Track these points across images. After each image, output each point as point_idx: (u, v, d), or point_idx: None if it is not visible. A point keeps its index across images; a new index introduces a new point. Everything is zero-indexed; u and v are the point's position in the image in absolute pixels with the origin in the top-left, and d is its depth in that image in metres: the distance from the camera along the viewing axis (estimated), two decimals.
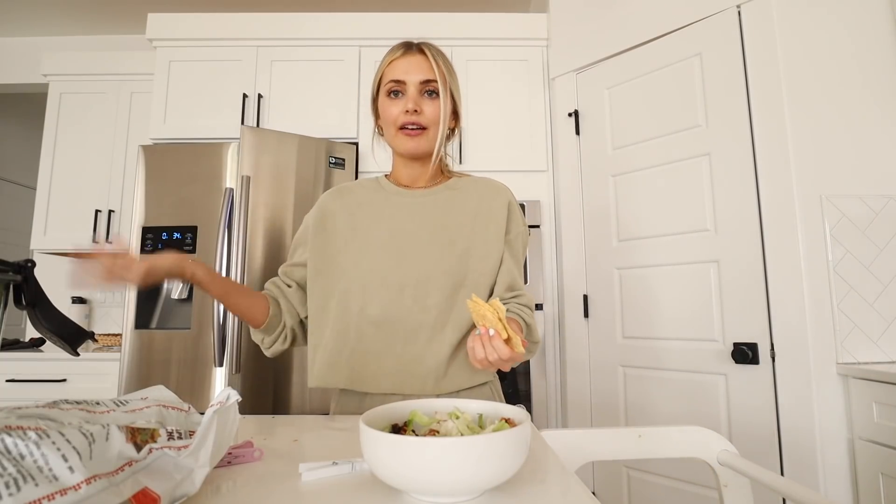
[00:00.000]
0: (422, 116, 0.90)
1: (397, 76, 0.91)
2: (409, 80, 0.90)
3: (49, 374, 2.10)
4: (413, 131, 0.90)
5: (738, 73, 1.63)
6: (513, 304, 0.91)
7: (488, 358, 0.65)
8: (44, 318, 0.71)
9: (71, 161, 2.52)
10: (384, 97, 0.93)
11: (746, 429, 1.53)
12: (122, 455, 0.41)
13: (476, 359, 0.66)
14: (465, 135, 2.26)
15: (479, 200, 0.96)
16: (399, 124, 0.91)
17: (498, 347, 0.64)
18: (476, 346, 0.66)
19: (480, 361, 0.66)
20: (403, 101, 0.90)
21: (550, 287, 2.17)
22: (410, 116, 0.89)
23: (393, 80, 0.91)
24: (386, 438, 0.47)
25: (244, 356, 1.83)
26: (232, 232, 1.88)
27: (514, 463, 0.48)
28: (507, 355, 0.64)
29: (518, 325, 0.84)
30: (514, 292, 0.93)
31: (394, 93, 0.91)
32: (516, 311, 0.89)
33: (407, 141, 0.91)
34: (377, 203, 0.97)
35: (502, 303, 0.84)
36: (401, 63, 0.91)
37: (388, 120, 0.92)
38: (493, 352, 0.64)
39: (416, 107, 0.89)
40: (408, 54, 0.92)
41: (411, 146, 0.91)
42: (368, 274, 0.91)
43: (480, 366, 0.67)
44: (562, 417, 2.07)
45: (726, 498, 0.78)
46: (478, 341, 0.66)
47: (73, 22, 2.91)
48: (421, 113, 0.90)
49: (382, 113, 0.94)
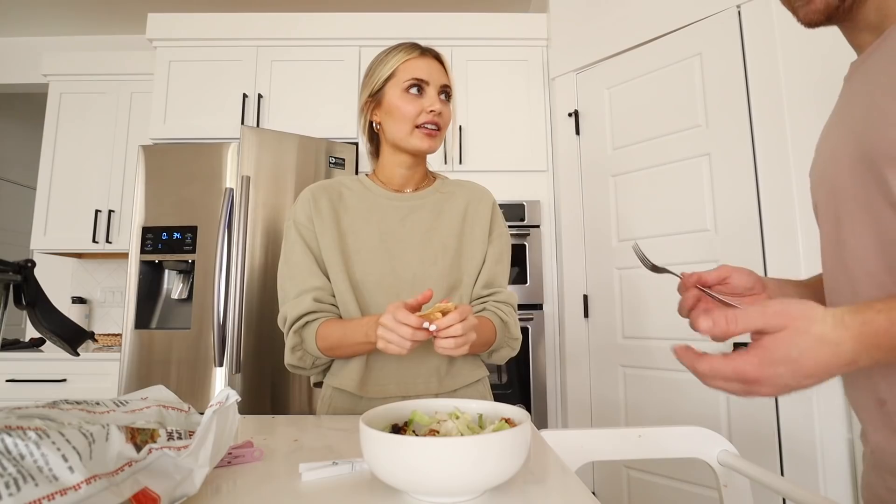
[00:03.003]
0: (440, 118, 0.92)
1: (420, 75, 0.91)
2: (432, 81, 0.91)
3: (49, 374, 2.10)
4: (433, 131, 0.91)
5: (738, 73, 1.63)
6: (490, 301, 0.94)
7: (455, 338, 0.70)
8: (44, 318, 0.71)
9: (71, 161, 2.52)
10: (401, 92, 0.91)
11: (746, 429, 1.53)
12: (122, 455, 0.41)
13: (451, 348, 0.71)
14: (465, 135, 2.26)
15: (466, 204, 0.99)
16: (419, 122, 0.90)
17: (447, 325, 0.70)
18: (440, 343, 0.71)
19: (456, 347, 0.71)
20: (425, 100, 0.90)
21: (550, 287, 2.17)
22: (433, 116, 0.90)
23: (416, 78, 0.91)
24: (386, 439, 0.47)
25: (244, 356, 1.83)
26: (232, 232, 1.88)
27: (514, 463, 0.48)
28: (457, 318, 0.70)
29: (487, 321, 0.89)
30: (491, 289, 0.95)
31: (416, 88, 0.91)
32: (492, 310, 0.92)
33: (426, 139, 0.91)
34: (367, 206, 0.96)
35: (479, 300, 0.94)
36: (421, 63, 0.92)
37: (405, 116, 0.90)
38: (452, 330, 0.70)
39: (440, 108, 0.91)
40: (426, 56, 0.93)
41: (429, 144, 0.92)
42: (362, 277, 0.91)
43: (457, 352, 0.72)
44: (562, 417, 2.07)
45: (726, 498, 0.78)
46: (438, 341, 0.71)
47: (73, 22, 2.91)
48: (441, 114, 0.91)
49: (395, 109, 0.91)
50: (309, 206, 0.94)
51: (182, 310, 2.06)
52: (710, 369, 0.46)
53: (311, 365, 0.92)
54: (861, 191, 0.53)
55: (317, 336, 0.87)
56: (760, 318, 0.45)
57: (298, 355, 0.90)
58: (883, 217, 0.51)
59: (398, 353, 0.72)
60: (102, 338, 2.53)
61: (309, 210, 0.93)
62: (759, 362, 0.44)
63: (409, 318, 0.69)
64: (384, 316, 0.72)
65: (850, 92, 0.59)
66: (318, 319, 0.89)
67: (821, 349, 0.43)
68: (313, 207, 0.93)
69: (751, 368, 0.44)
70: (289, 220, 0.95)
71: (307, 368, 0.92)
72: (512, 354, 0.96)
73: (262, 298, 1.88)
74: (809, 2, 0.57)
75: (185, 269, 2.07)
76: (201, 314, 1.93)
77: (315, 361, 0.91)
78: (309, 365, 0.92)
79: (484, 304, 0.94)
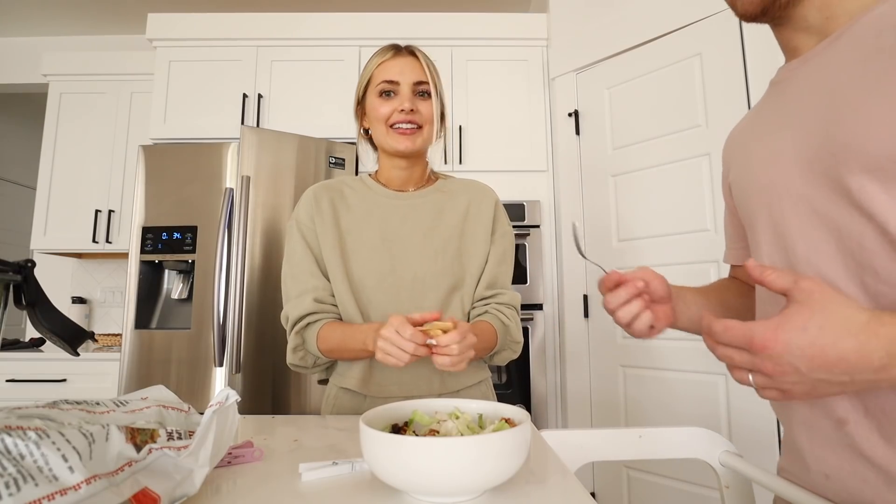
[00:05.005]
0: (417, 115, 0.91)
1: (390, 76, 0.90)
2: (403, 80, 0.90)
3: (49, 374, 2.10)
4: (408, 130, 0.90)
5: (739, 73, 1.63)
6: (492, 303, 0.94)
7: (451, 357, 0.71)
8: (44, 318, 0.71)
9: (71, 161, 2.52)
10: (375, 97, 0.92)
11: (746, 429, 1.53)
12: (122, 455, 0.41)
13: (447, 365, 0.72)
14: (465, 135, 2.26)
15: (468, 202, 0.98)
16: (391, 122, 0.91)
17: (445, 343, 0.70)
18: (437, 359, 0.72)
19: (452, 364, 0.72)
20: (396, 100, 0.90)
21: (550, 287, 2.17)
22: (406, 115, 0.90)
23: (386, 81, 0.90)
24: (386, 438, 0.47)
25: (244, 356, 1.83)
26: (232, 232, 1.88)
27: (514, 463, 0.48)
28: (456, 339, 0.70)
29: (488, 326, 0.89)
30: (493, 290, 0.95)
31: (386, 93, 0.91)
32: (494, 312, 0.92)
33: (401, 139, 0.91)
34: (367, 205, 0.96)
35: (482, 301, 0.94)
36: (393, 64, 0.91)
37: (378, 118, 0.92)
38: (447, 349, 0.71)
39: (413, 106, 0.90)
40: (398, 56, 0.92)
41: (406, 144, 0.91)
42: (362, 277, 0.91)
43: (454, 368, 0.73)
44: (562, 417, 2.07)
45: (727, 499, 0.78)
46: (435, 357, 0.72)
47: (73, 22, 2.91)
48: (417, 112, 0.90)
49: (372, 112, 0.93)
50: (311, 205, 0.94)
51: (182, 310, 2.06)
52: (723, 327, 0.44)
53: (312, 364, 0.92)
54: (817, 193, 0.51)
55: (317, 338, 0.88)
56: (791, 275, 0.43)
57: (300, 355, 0.91)
58: (843, 220, 0.48)
59: (395, 365, 0.72)
60: (102, 338, 2.53)
61: (311, 209, 0.94)
62: (774, 327, 0.41)
63: (415, 335, 0.70)
64: (386, 328, 0.72)
65: (793, 94, 0.57)
66: (319, 321, 0.89)
67: (845, 338, 0.39)
68: (315, 207, 0.94)
69: (762, 331, 0.41)
70: (291, 219, 0.96)
71: (309, 367, 0.93)
72: (513, 357, 0.96)
73: (262, 298, 1.88)
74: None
75: (185, 269, 2.07)
76: (201, 314, 1.92)
77: (317, 361, 0.92)
78: (311, 364, 0.92)
79: (486, 307, 0.94)
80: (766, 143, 0.59)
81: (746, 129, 0.66)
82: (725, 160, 0.73)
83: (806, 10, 0.54)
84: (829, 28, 0.53)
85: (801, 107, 0.54)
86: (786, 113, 0.57)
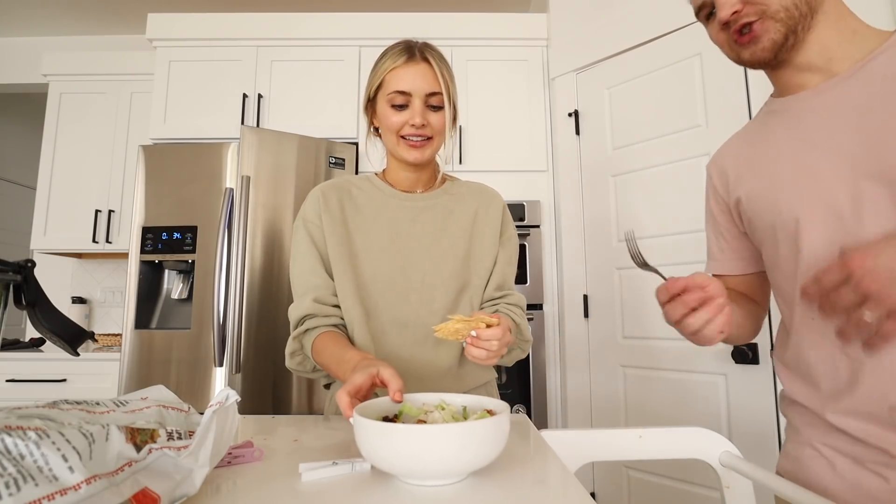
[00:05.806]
0: (428, 128, 0.89)
1: (402, 87, 0.87)
2: (416, 92, 0.87)
3: (49, 374, 2.10)
4: (418, 143, 0.90)
5: (738, 73, 1.62)
6: (502, 304, 0.94)
7: (489, 351, 0.71)
8: (44, 318, 0.71)
9: (71, 161, 2.52)
10: (386, 105, 0.89)
11: (747, 429, 1.53)
12: (122, 455, 0.41)
13: (481, 358, 0.71)
14: (465, 135, 2.26)
15: (476, 206, 0.98)
16: (402, 134, 0.89)
17: (487, 338, 0.70)
18: (472, 351, 0.71)
19: (487, 359, 0.72)
20: (408, 112, 0.88)
21: (550, 287, 2.17)
22: (416, 129, 0.88)
23: (397, 92, 0.87)
24: (376, 426, 0.51)
25: (244, 356, 1.83)
26: (232, 232, 1.88)
27: (493, 449, 0.52)
28: (499, 335, 0.70)
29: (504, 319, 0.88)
30: (503, 291, 0.96)
31: (400, 100, 0.88)
32: (505, 312, 0.92)
33: (412, 151, 0.90)
34: (376, 206, 0.96)
35: (490, 302, 0.94)
36: (405, 72, 0.88)
37: (390, 128, 0.90)
38: (487, 343, 0.70)
39: (424, 121, 0.88)
40: (411, 63, 0.88)
41: (416, 156, 0.90)
42: (370, 278, 0.91)
43: (485, 362, 0.73)
44: (562, 417, 2.07)
45: (728, 499, 0.78)
46: (471, 348, 0.71)
47: (73, 22, 2.91)
48: (428, 125, 0.89)
49: (383, 119, 0.91)
50: (318, 203, 0.93)
51: (182, 310, 2.06)
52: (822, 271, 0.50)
53: (311, 369, 0.91)
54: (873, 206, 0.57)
55: (312, 350, 0.87)
56: None
57: (298, 360, 0.90)
58: None
59: None
60: (102, 338, 2.53)
61: (318, 208, 0.93)
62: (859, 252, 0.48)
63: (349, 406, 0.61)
64: (349, 382, 0.66)
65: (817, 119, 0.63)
66: (317, 327, 0.88)
67: None
68: (323, 205, 0.93)
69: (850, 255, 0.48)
70: (298, 217, 0.95)
71: (309, 372, 0.92)
72: (522, 356, 0.96)
73: (262, 298, 1.88)
74: (756, 42, 0.61)
75: (185, 269, 2.07)
76: (201, 314, 1.92)
77: (315, 366, 0.91)
78: (310, 369, 0.91)
79: (496, 307, 0.94)
80: (793, 163, 0.65)
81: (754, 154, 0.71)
82: (726, 178, 0.76)
83: (807, 53, 0.63)
84: (834, 67, 0.62)
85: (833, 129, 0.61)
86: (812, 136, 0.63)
